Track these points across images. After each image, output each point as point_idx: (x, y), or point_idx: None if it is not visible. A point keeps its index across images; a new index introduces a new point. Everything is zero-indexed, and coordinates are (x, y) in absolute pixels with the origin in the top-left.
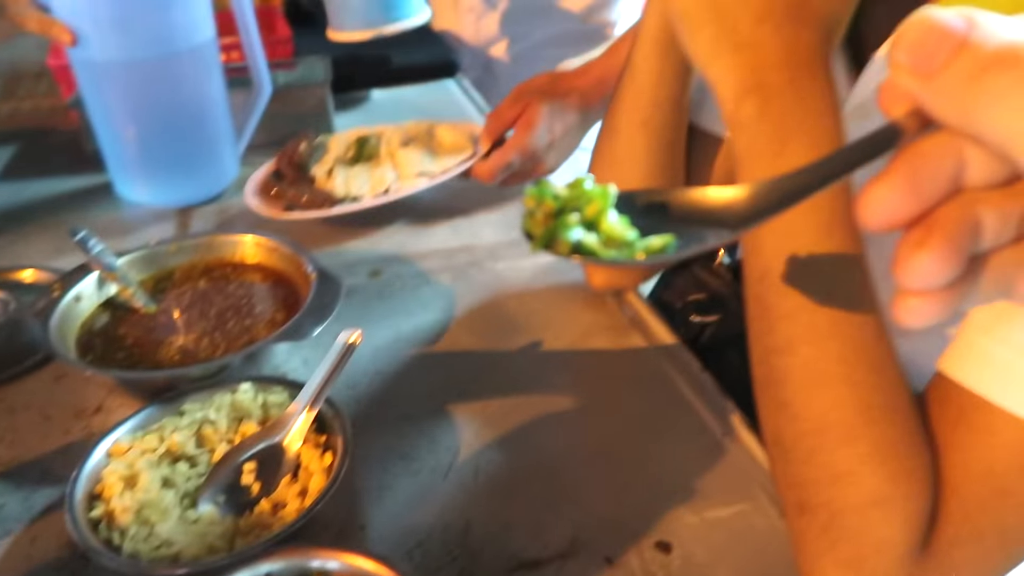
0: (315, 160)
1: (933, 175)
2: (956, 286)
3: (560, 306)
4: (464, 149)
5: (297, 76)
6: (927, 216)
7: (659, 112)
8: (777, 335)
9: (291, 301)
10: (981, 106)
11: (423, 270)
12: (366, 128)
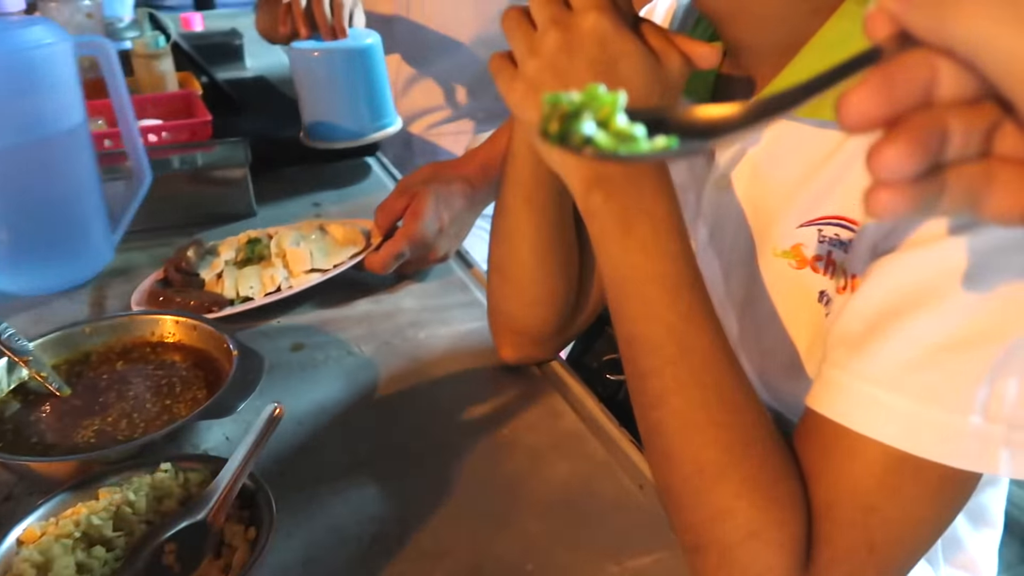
0: (204, 265)
1: (906, 82)
2: (921, 186)
3: (483, 372)
4: (356, 244)
5: (217, 158)
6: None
7: (541, 190)
8: (649, 391)
9: (213, 379)
10: (950, 15)
11: (345, 341)
12: (256, 230)
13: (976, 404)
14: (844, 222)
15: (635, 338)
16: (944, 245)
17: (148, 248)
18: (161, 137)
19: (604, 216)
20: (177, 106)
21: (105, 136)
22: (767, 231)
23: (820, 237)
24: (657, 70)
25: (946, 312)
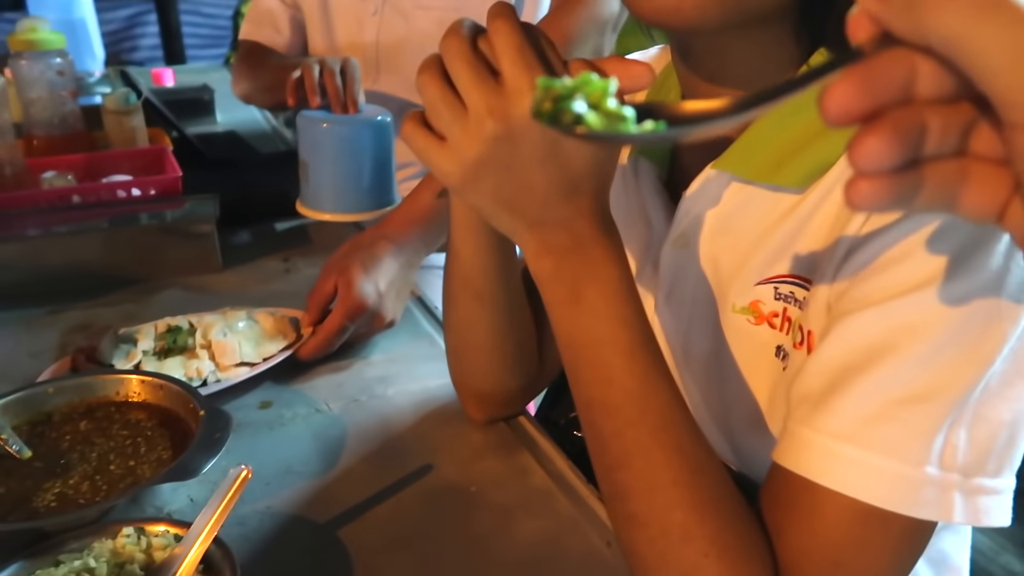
0: (118, 355)
1: (885, 77)
2: (899, 179)
3: (451, 428)
4: (285, 335)
5: (185, 213)
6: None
7: (489, 283)
8: (610, 454)
9: (179, 439)
10: (927, 14)
11: (313, 398)
12: (176, 317)
13: (932, 455)
14: (799, 280)
15: (593, 402)
16: (900, 303)
17: (115, 304)
18: (129, 193)
19: (555, 283)
20: (147, 161)
21: (72, 192)
22: (726, 288)
23: (776, 294)
24: None
25: (903, 367)
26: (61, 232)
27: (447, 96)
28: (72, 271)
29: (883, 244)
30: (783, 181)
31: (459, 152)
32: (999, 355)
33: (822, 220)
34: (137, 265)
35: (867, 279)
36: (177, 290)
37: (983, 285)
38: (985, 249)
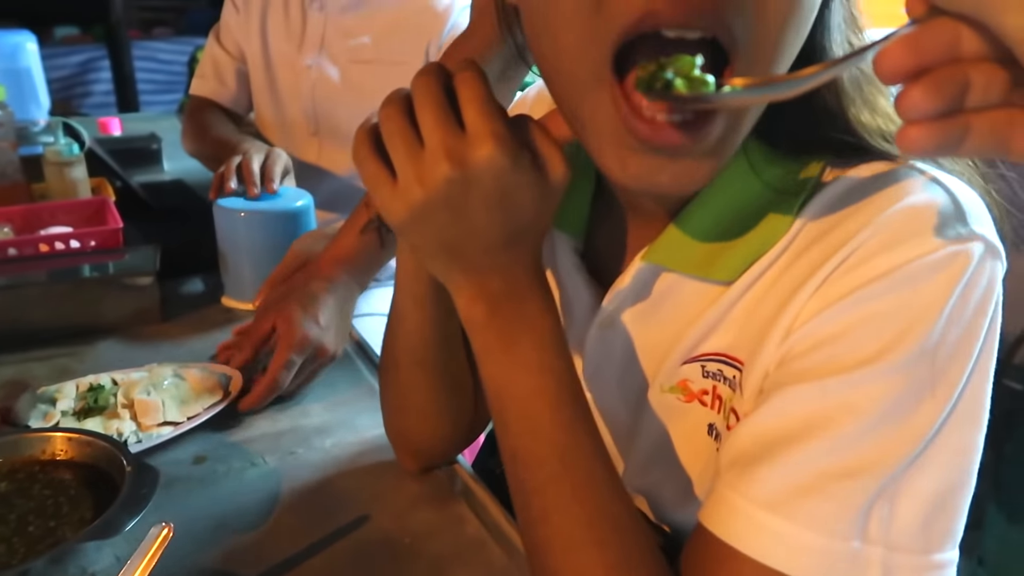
0: (36, 416)
1: (931, 39)
2: (945, 124)
3: (388, 479)
4: (213, 392)
5: (125, 265)
6: None
7: (432, 353)
8: (532, 508)
9: (105, 497)
10: None
11: (249, 452)
12: (100, 376)
13: (857, 529)
14: (726, 359)
15: (518, 453)
16: (838, 381)
17: (50, 359)
18: (68, 245)
19: (487, 331)
20: (89, 213)
21: (9, 244)
22: (654, 369)
23: (704, 372)
24: (543, 190)
25: (836, 443)
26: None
27: (407, 132)
28: (6, 324)
29: (827, 321)
30: (716, 275)
31: (408, 191)
32: (931, 430)
33: (756, 300)
34: (75, 318)
35: (807, 354)
36: (115, 343)
37: (918, 364)
38: (924, 330)
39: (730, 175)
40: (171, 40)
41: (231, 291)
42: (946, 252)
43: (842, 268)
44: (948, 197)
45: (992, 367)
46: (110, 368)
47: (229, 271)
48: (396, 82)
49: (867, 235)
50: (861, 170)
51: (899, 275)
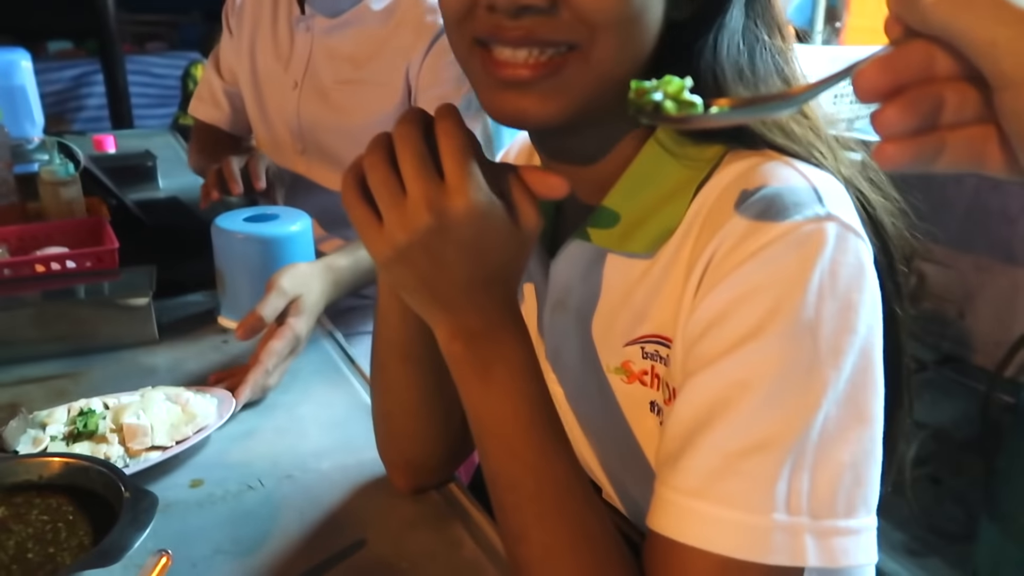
0: (25, 441)
1: (906, 60)
2: (918, 141)
3: (384, 501)
4: (206, 415)
5: (121, 286)
6: None
7: (416, 346)
8: (513, 526)
9: (102, 523)
10: (927, 9)
11: (246, 475)
12: (92, 400)
13: (778, 501)
14: (660, 339)
15: (497, 475)
16: (728, 361)
17: (46, 380)
18: (64, 266)
19: (464, 363)
20: (84, 233)
21: (5, 265)
22: (601, 350)
23: (643, 353)
24: (517, 237)
25: (737, 421)
26: None
27: (390, 181)
28: (2, 346)
29: (710, 306)
30: (632, 248)
31: (392, 235)
32: (825, 399)
33: (674, 282)
34: (71, 339)
35: (700, 340)
36: (111, 364)
37: (798, 336)
38: (796, 303)
39: (644, 156)
40: (165, 54)
41: (227, 310)
42: (802, 231)
43: (719, 253)
44: (807, 184)
45: (879, 342)
46: (106, 390)
47: (226, 291)
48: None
49: (736, 221)
50: (749, 159)
51: (764, 255)
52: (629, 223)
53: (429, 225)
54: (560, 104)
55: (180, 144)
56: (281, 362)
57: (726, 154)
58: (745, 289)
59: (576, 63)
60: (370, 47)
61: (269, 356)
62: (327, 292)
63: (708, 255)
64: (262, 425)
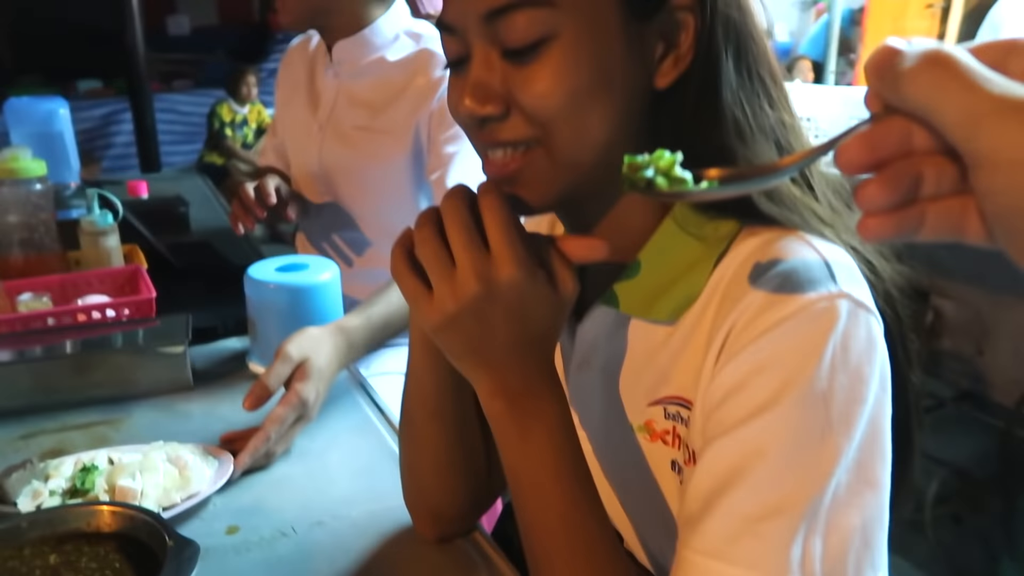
0: (25, 493)
1: (884, 136)
2: (899, 215)
3: (411, 549)
4: (201, 478)
5: (157, 334)
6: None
7: (444, 401)
8: (544, 570)
9: (147, 571)
10: (903, 87)
11: (279, 522)
12: (99, 452)
13: (793, 564)
14: (681, 401)
15: (532, 524)
16: (745, 429)
17: (89, 427)
18: (104, 315)
19: (505, 420)
20: (122, 281)
21: (48, 315)
22: (624, 408)
23: (666, 414)
24: (556, 303)
25: (755, 487)
26: (35, 356)
27: (441, 254)
28: (44, 394)
29: (729, 375)
30: (656, 316)
31: (442, 304)
32: (837, 466)
33: (695, 348)
34: (109, 386)
35: (720, 407)
36: (149, 410)
37: (812, 406)
38: (809, 375)
39: (663, 233)
40: (190, 92)
41: (258, 356)
42: (816, 308)
43: (739, 324)
44: (820, 260)
45: (886, 411)
46: (144, 437)
47: (257, 338)
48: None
49: (753, 295)
50: (763, 235)
51: (780, 329)
52: (652, 291)
53: (478, 293)
54: (541, 192)
55: (208, 187)
56: (287, 429)
57: (741, 230)
58: (762, 361)
59: (542, 156)
60: (385, 96)
61: (272, 424)
62: (339, 353)
63: (728, 325)
64: (293, 471)
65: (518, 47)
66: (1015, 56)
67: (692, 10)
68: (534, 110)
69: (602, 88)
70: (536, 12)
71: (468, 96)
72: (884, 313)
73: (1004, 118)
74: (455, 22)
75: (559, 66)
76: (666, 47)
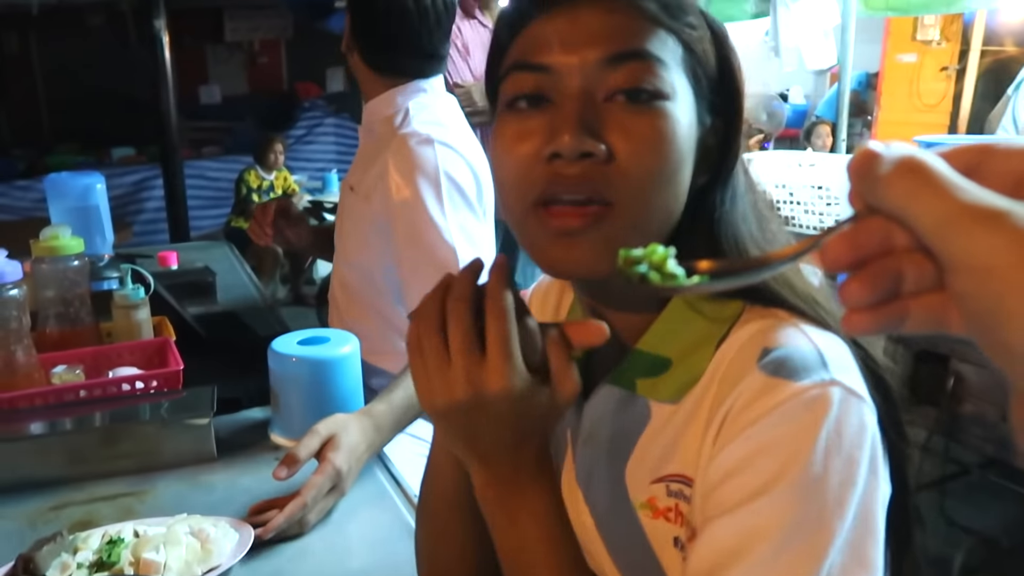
0: (54, 567)
1: (865, 235)
2: (882, 311)
3: None
4: (221, 552)
5: (183, 405)
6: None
7: (465, 494)
8: None
9: None
10: (881, 190)
11: None
12: (126, 525)
13: None
14: (683, 479)
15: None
16: (744, 510)
17: (115, 498)
18: (133, 386)
19: (496, 508)
20: (151, 353)
21: (80, 387)
22: (628, 485)
23: (668, 491)
24: (552, 405)
25: (753, 567)
26: (66, 428)
27: (439, 350)
28: (74, 465)
29: (728, 457)
30: (660, 396)
31: (435, 396)
32: (831, 547)
33: (696, 428)
34: (136, 457)
35: (719, 487)
36: (173, 482)
37: (808, 490)
38: (805, 460)
39: (671, 311)
40: (219, 159)
41: (280, 428)
42: (809, 395)
43: (735, 408)
44: (814, 349)
45: (879, 493)
46: (168, 510)
47: (280, 410)
48: (361, 217)
49: (751, 380)
50: (762, 320)
51: (776, 413)
52: (657, 372)
53: (466, 398)
54: (599, 255)
55: (235, 256)
56: (321, 497)
57: (743, 311)
58: (760, 444)
59: (617, 217)
60: (368, 160)
61: (309, 489)
62: (367, 433)
63: (727, 407)
64: (312, 543)
65: (635, 89)
66: (988, 159)
67: (722, 132)
68: (629, 161)
69: (681, 166)
70: (657, 66)
71: (572, 131)
72: (876, 399)
73: (974, 225)
74: (559, 64)
75: (664, 126)
76: (705, 151)
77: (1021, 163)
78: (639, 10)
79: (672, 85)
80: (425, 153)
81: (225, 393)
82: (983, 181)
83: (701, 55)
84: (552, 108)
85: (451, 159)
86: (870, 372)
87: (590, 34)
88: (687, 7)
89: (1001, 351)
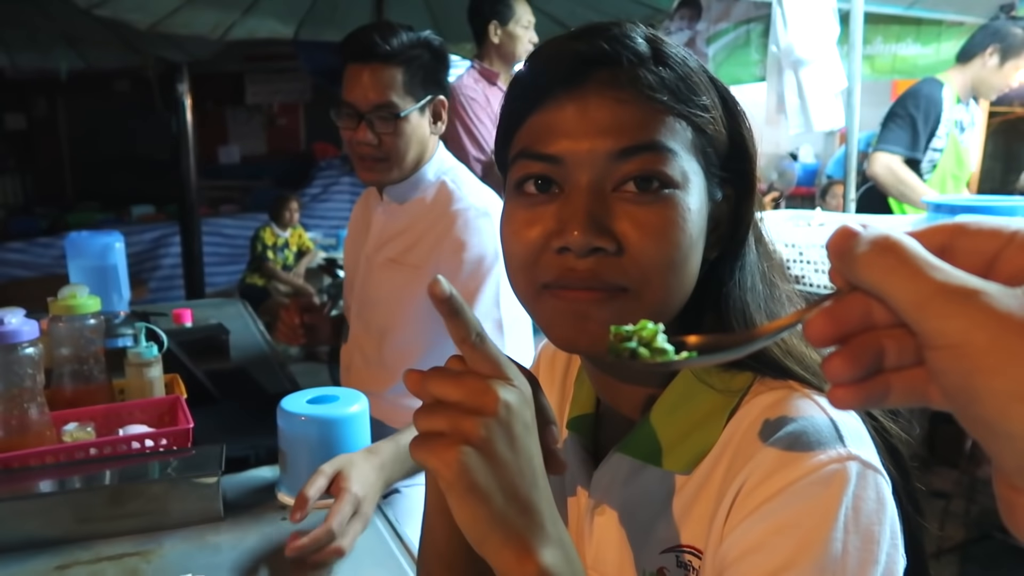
0: None
1: (847, 311)
2: (865, 386)
3: None
4: None
5: (192, 463)
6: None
7: (459, 557)
8: None
9: None
10: (859, 270)
11: None
12: None
13: None
14: (694, 550)
15: None
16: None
17: (121, 558)
18: (143, 445)
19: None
20: (162, 411)
21: (91, 445)
22: (638, 554)
23: (678, 562)
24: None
25: None
26: (75, 487)
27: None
28: (81, 524)
29: (744, 533)
30: (670, 467)
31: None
32: None
33: (707, 500)
34: (143, 516)
35: (736, 565)
36: (179, 542)
37: (828, 568)
38: (824, 538)
39: (679, 383)
40: (236, 216)
41: (287, 487)
42: (827, 470)
43: (749, 483)
44: (828, 421)
45: (899, 567)
46: (174, 570)
47: (288, 468)
48: (412, 284)
49: (764, 454)
50: (774, 392)
51: (792, 490)
52: (667, 442)
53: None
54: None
55: (248, 313)
56: (347, 522)
57: (753, 383)
58: (778, 522)
59: (631, 299)
60: (415, 228)
61: (332, 516)
62: (372, 467)
63: (739, 483)
64: None
65: (645, 179)
66: (960, 238)
67: (734, 200)
68: (645, 256)
69: (692, 251)
70: (667, 155)
71: (582, 227)
72: (889, 469)
73: (947, 304)
74: (568, 156)
75: (674, 215)
76: (715, 224)
77: (991, 243)
78: (648, 99)
79: (683, 172)
80: (485, 227)
81: (234, 451)
82: (955, 260)
83: (712, 134)
84: (561, 196)
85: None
86: (883, 441)
87: (600, 127)
88: (697, 88)
89: (978, 426)
